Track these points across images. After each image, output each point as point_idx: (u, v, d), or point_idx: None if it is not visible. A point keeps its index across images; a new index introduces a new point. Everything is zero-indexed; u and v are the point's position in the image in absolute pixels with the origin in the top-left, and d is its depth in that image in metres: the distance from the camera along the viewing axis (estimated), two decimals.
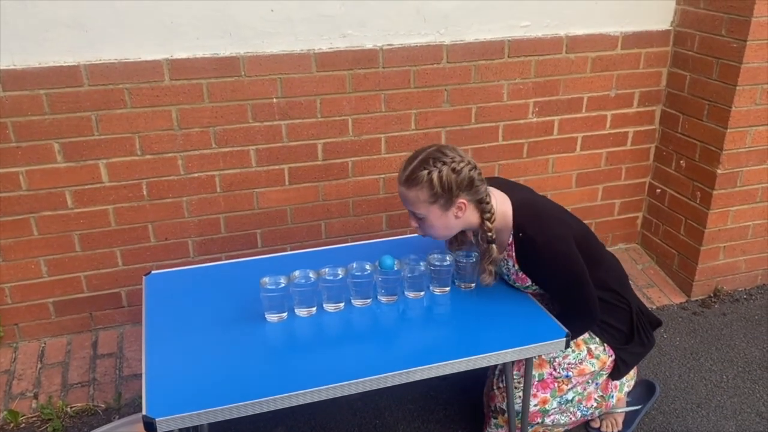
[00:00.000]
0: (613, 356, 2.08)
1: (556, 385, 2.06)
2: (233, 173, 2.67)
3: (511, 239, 1.91)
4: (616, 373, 2.13)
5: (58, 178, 2.48)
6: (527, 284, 1.97)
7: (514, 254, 1.92)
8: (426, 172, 1.78)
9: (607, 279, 2.05)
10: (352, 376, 1.62)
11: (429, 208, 1.82)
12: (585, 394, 2.13)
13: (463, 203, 1.82)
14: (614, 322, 2.07)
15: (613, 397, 2.21)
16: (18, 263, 2.57)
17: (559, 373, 2.04)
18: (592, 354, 2.05)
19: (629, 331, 2.10)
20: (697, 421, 2.40)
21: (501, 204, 1.91)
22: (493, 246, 1.89)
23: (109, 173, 2.53)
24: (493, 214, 1.87)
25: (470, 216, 1.87)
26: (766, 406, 2.47)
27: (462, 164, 1.80)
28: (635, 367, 2.25)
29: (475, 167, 1.83)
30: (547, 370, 2.04)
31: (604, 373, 2.12)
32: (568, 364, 2.04)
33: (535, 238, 1.85)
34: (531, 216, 1.90)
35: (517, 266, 1.94)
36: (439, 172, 1.78)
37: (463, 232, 2.03)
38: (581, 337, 2.05)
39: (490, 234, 1.87)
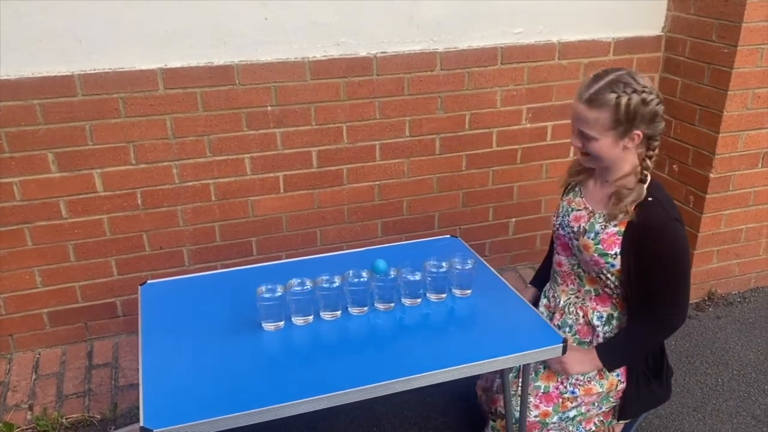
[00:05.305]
0: (624, 383, 1.99)
1: (560, 400, 1.99)
2: (228, 181, 2.67)
3: (633, 205, 1.82)
4: (625, 409, 2.03)
5: (52, 188, 2.47)
6: (609, 252, 1.86)
7: (627, 219, 1.84)
8: (614, 96, 1.70)
9: None
10: (349, 384, 1.61)
11: (604, 134, 1.75)
12: (587, 415, 2.05)
13: (638, 135, 1.76)
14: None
15: (613, 422, 2.13)
16: (12, 274, 2.56)
17: (565, 388, 1.98)
18: (602, 374, 1.98)
19: (659, 366, 2.03)
20: (693, 425, 2.41)
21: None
22: (630, 196, 1.81)
23: (103, 183, 2.52)
24: (656, 154, 1.82)
25: (632, 153, 1.81)
26: (762, 409, 2.48)
27: (651, 96, 1.74)
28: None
29: (661, 102, 1.77)
30: (553, 384, 1.99)
31: (611, 399, 2.02)
32: (576, 380, 1.98)
33: (669, 211, 1.79)
34: (666, 195, 1.86)
35: (621, 229, 1.84)
36: (629, 99, 1.70)
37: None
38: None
39: (646, 172, 1.82)
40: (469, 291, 2.01)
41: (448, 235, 2.37)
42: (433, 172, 2.95)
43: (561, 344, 1.79)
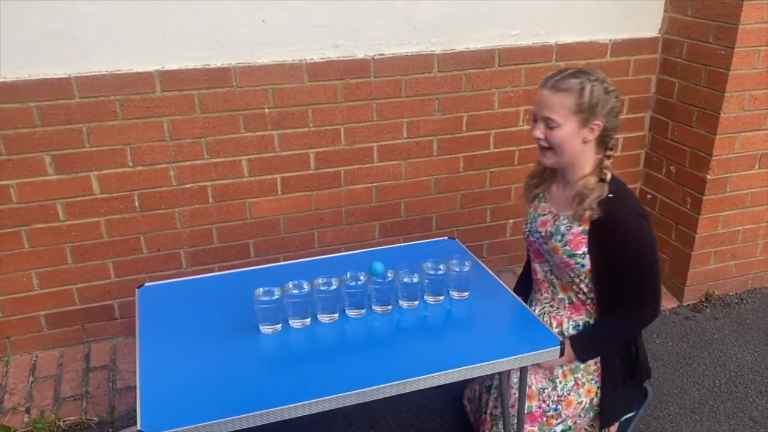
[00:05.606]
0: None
1: (544, 419, 2.00)
2: (225, 183, 2.67)
3: (596, 203, 1.85)
4: (604, 414, 2.03)
5: (49, 191, 2.47)
6: (577, 252, 1.90)
7: (591, 217, 1.87)
8: (579, 81, 1.78)
9: None
10: (347, 387, 1.61)
11: (568, 119, 1.80)
12: (575, 428, 2.05)
13: (598, 125, 1.81)
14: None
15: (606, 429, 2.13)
16: (9, 276, 2.55)
17: (548, 405, 1.99)
18: (579, 384, 1.99)
19: (631, 366, 2.04)
20: (690, 426, 2.41)
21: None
22: (592, 194, 1.85)
23: (100, 185, 2.52)
24: (613, 155, 1.87)
25: (590, 150, 1.86)
26: (759, 411, 2.48)
27: (613, 88, 1.82)
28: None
29: (619, 99, 1.85)
30: (535, 403, 1.99)
31: (597, 408, 2.04)
32: (558, 396, 1.99)
33: (629, 204, 1.84)
34: (628, 191, 1.91)
35: (586, 228, 1.88)
36: (592, 86, 1.78)
37: (554, 173, 2.00)
38: (567, 367, 1.98)
39: (606, 171, 1.86)
40: (466, 293, 2.01)
41: (446, 237, 2.37)
42: (430, 174, 2.95)
43: (558, 347, 1.79)
